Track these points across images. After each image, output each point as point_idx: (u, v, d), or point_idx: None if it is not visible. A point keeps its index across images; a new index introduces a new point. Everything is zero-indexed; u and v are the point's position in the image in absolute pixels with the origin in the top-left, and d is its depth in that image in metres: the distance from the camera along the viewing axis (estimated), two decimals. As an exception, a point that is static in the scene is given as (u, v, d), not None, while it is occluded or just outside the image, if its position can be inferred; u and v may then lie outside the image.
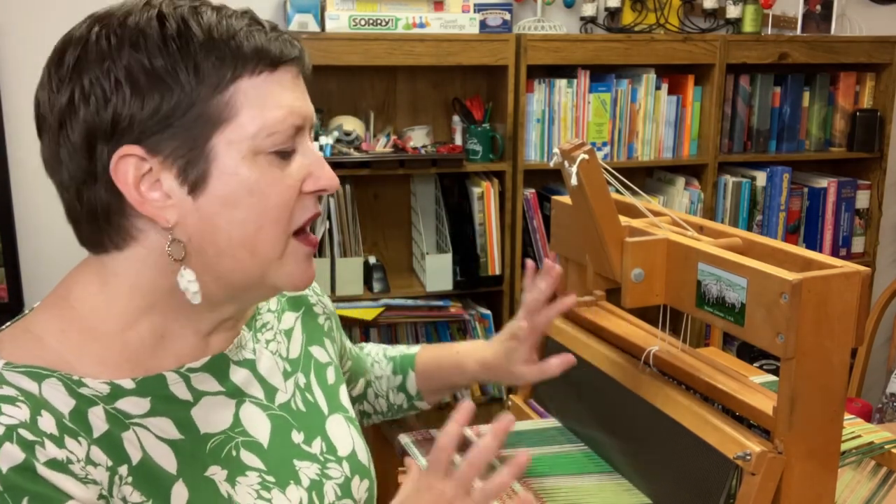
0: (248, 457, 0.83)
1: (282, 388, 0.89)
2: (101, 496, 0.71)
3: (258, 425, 0.85)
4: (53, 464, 0.68)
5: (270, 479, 0.83)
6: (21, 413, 0.68)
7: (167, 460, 0.76)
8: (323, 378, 0.96)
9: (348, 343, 1.13)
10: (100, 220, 0.75)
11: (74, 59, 0.72)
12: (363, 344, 1.23)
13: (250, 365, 0.87)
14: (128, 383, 0.76)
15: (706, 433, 0.93)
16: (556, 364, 1.05)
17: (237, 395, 0.84)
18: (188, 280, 0.75)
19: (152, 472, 0.75)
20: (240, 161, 0.73)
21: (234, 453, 0.82)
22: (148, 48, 0.70)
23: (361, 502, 0.92)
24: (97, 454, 0.72)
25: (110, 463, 0.72)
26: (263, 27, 0.76)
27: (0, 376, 0.71)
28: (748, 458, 0.86)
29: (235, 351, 0.86)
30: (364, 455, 0.95)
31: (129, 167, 0.72)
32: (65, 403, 0.72)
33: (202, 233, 0.74)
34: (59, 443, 0.69)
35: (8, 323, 0.80)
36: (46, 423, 0.69)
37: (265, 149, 0.74)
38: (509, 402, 1.32)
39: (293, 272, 0.79)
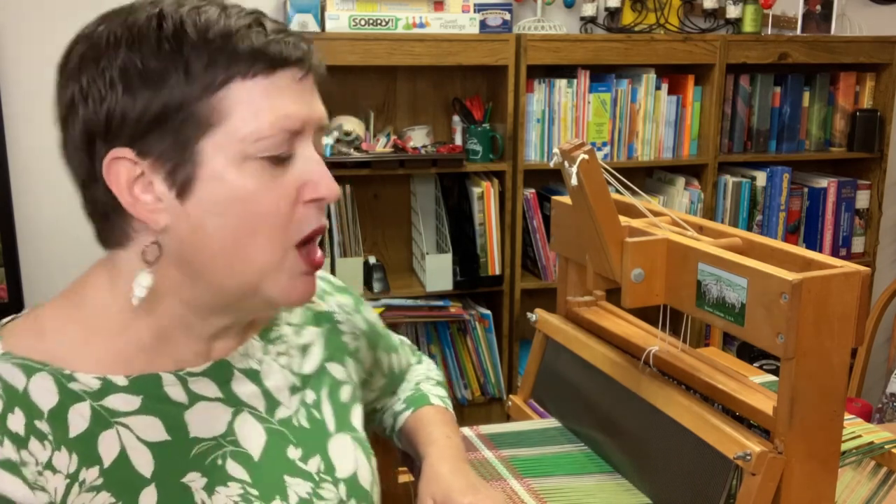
0: (233, 467, 0.81)
1: (285, 402, 0.87)
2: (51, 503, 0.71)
3: (252, 437, 0.83)
4: (5, 464, 0.68)
5: (254, 492, 0.81)
6: None
7: (144, 463, 0.76)
8: (336, 396, 0.93)
9: (389, 360, 1.08)
10: (101, 217, 0.76)
11: (79, 57, 0.72)
12: (423, 358, 1.18)
13: (254, 375, 0.85)
14: (120, 380, 0.76)
15: (706, 433, 0.93)
16: None
17: (235, 404, 0.83)
18: (143, 285, 0.75)
19: (125, 473, 0.75)
20: (227, 166, 0.72)
21: (219, 462, 0.80)
22: (142, 48, 0.70)
23: None
24: (61, 459, 0.71)
25: (73, 469, 0.72)
26: (264, 28, 0.73)
27: None
28: (748, 458, 0.86)
29: (240, 359, 0.84)
30: (367, 478, 0.91)
31: (120, 169, 0.71)
32: (49, 400, 0.72)
33: (192, 238, 0.73)
34: (22, 443, 0.70)
35: (25, 311, 0.81)
36: (15, 422, 0.70)
37: (254, 154, 0.72)
38: (509, 403, 1.32)
39: (287, 287, 0.77)
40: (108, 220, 0.75)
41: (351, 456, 0.90)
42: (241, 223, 0.73)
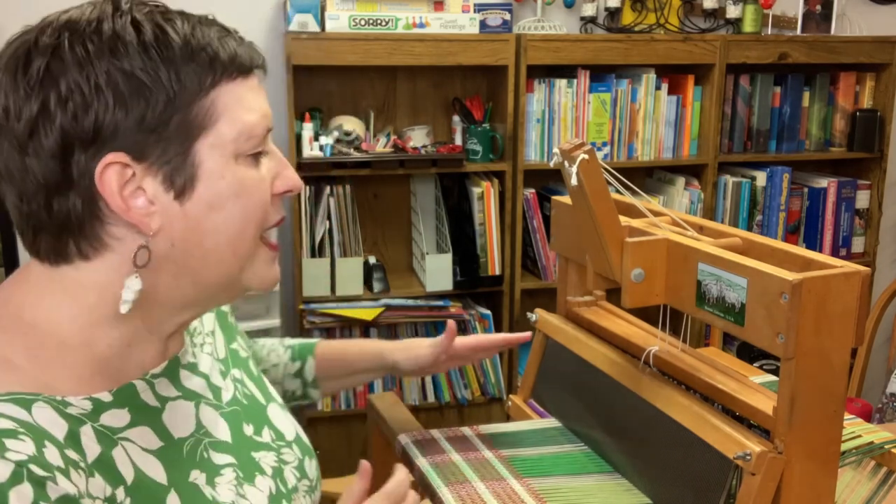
0: (217, 456, 0.84)
1: (223, 386, 0.91)
2: None
3: (217, 425, 0.86)
4: (66, 500, 0.65)
5: (241, 473, 0.85)
6: (27, 447, 0.65)
7: (157, 471, 0.76)
8: (249, 371, 0.99)
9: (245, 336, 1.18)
10: (71, 229, 0.73)
11: (45, 66, 0.70)
12: (258, 339, 1.26)
13: (194, 368, 0.88)
14: (106, 396, 0.75)
15: (706, 433, 0.93)
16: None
17: (193, 397, 0.85)
18: (134, 290, 0.74)
19: (147, 487, 0.74)
20: (223, 165, 0.75)
21: (205, 455, 0.82)
22: (129, 54, 0.70)
23: (315, 481, 0.96)
24: (95, 485, 0.69)
25: (108, 491, 0.70)
26: (231, 33, 0.78)
27: None
28: (748, 458, 0.86)
29: (182, 355, 0.86)
30: (305, 436, 1.00)
31: (112, 174, 0.71)
32: (59, 427, 0.70)
33: (188, 237, 0.75)
34: (67, 475, 0.66)
35: None
36: (52, 455, 0.66)
37: (244, 151, 0.76)
38: (509, 402, 1.32)
39: (263, 273, 0.82)
40: (81, 230, 0.73)
41: (286, 420, 0.98)
42: (235, 217, 0.77)
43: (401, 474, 0.90)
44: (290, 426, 0.97)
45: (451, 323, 1.15)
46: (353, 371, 1.22)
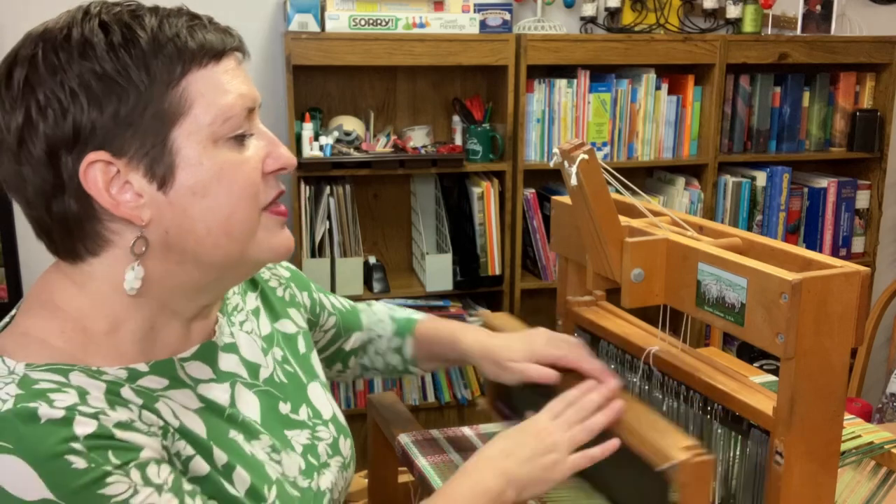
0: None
1: (263, 363, 0.94)
2: (163, 446, 0.76)
3: (249, 404, 0.89)
4: (120, 424, 0.72)
5: (277, 444, 0.89)
6: (71, 398, 0.71)
7: (198, 426, 0.81)
8: (294, 349, 1.01)
9: (329, 300, 1.16)
10: (72, 229, 0.76)
11: (24, 78, 0.73)
12: (372, 302, 1.25)
13: (233, 348, 0.91)
14: (142, 367, 0.80)
15: (641, 446, 0.90)
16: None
17: (228, 377, 0.88)
18: (135, 277, 0.77)
19: (191, 437, 0.80)
20: (202, 150, 0.76)
21: (242, 421, 0.87)
22: (97, 56, 0.73)
23: (348, 459, 0.99)
24: (147, 416, 0.76)
25: (161, 423, 0.77)
26: (202, 20, 0.79)
27: (27, 378, 0.72)
28: (675, 468, 0.85)
29: (219, 337, 0.89)
30: (342, 416, 1.02)
31: (97, 173, 0.73)
32: (97, 388, 0.75)
33: (179, 225, 0.77)
34: (114, 408, 0.73)
35: None
36: (95, 400, 0.73)
37: (223, 135, 0.77)
38: (478, 405, 1.31)
39: (271, 243, 0.83)
40: (81, 229, 0.76)
41: (325, 399, 1.00)
42: (221, 202, 0.78)
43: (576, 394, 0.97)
44: (327, 406, 1.00)
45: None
46: (444, 359, 1.18)
